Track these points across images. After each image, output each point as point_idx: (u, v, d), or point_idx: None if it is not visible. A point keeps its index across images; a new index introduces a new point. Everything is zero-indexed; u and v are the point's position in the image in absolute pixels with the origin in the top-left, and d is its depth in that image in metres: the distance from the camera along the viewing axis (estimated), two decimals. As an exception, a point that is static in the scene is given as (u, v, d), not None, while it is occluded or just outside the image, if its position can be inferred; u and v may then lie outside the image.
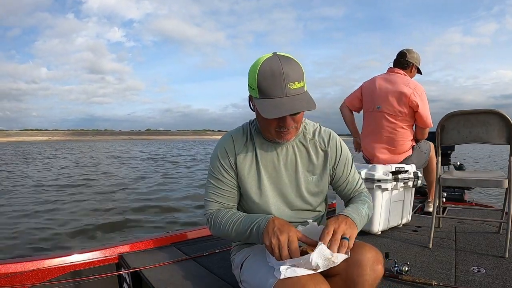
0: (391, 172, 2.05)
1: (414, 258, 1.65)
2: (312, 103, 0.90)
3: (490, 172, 2.08)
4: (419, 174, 2.26)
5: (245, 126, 1.11)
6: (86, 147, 35.60)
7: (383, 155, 2.36)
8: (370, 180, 2.00)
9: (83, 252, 1.63)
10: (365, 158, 2.54)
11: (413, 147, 2.38)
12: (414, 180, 2.21)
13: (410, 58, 2.39)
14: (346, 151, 1.14)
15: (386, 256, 1.48)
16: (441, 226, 2.21)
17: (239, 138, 1.08)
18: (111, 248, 1.71)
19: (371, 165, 2.12)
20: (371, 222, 2.02)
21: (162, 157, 19.06)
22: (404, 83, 2.27)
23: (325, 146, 1.10)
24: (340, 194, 1.18)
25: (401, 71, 2.38)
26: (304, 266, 0.81)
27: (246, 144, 1.07)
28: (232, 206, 1.10)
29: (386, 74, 2.44)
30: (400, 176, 2.08)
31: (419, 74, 2.51)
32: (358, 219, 0.97)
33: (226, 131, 1.18)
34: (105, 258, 1.66)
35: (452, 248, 1.79)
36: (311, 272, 0.81)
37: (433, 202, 2.02)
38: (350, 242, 0.86)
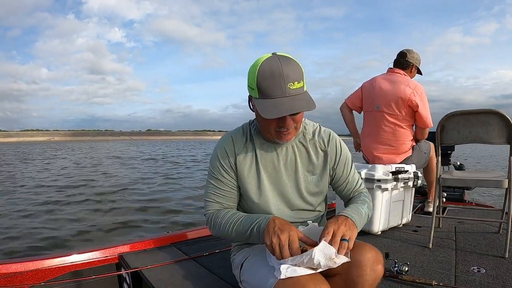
0: (391, 172, 2.05)
1: (414, 258, 1.65)
2: (312, 103, 0.90)
3: (490, 172, 2.08)
4: (419, 174, 2.26)
5: (244, 127, 1.11)
6: (86, 148, 35.62)
7: (383, 155, 2.36)
8: (370, 180, 1.99)
9: (83, 252, 1.63)
10: (365, 158, 2.54)
11: (413, 147, 2.38)
12: (414, 180, 2.21)
13: (410, 58, 2.40)
14: (346, 151, 1.14)
15: (386, 256, 1.48)
16: (441, 226, 2.21)
17: (239, 138, 1.08)
18: (111, 248, 1.71)
19: (371, 165, 2.12)
20: (371, 222, 2.02)
21: (162, 157, 19.07)
22: (404, 83, 2.27)
23: (325, 146, 1.10)
24: (339, 194, 1.18)
25: (401, 71, 2.38)
26: (305, 263, 0.81)
27: (246, 145, 1.07)
28: (232, 206, 1.10)
29: (386, 74, 2.44)
30: (400, 176, 2.08)
31: (419, 74, 2.51)
32: (358, 219, 0.97)
33: (226, 131, 1.18)
34: (105, 258, 1.66)
35: (452, 248, 1.79)
36: (311, 272, 0.81)
37: (433, 202, 2.02)
38: (350, 243, 0.86)
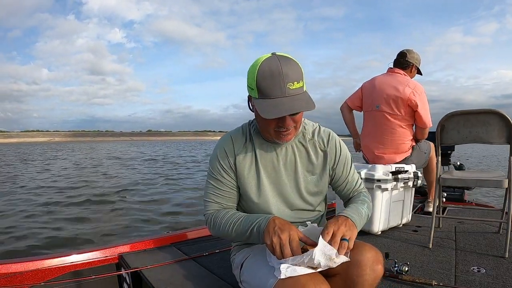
0: (391, 172, 2.05)
1: (414, 258, 1.65)
2: (311, 103, 0.90)
3: (490, 172, 2.08)
4: (419, 174, 2.26)
5: (244, 127, 1.11)
6: (87, 148, 35.64)
7: (382, 155, 2.36)
8: (370, 180, 2.00)
9: (83, 252, 1.63)
10: (364, 158, 2.54)
11: (413, 147, 2.38)
12: (414, 180, 2.21)
13: (410, 58, 2.40)
14: (346, 151, 1.14)
15: (386, 256, 1.48)
16: (441, 226, 2.21)
17: (239, 138, 1.08)
18: (111, 248, 1.71)
19: (371, 165, 2.12)
20: (371, 222, 2.02)
21: (162, 158, 19.07)
22: (403, 83, 2.27)
23: (324, 146, 1.10)
24: (339, 194, 1.18)
25: (401, 71, 2.38)
26: (306, 263, 0.81)
27: (245, 145, 1.07)
28: (232, 206, 1.10)
29: (386, 74, 2.44)
30: (400, 176, 2.08)
31: (419, 74, 2.51)
32: (358, 219, 0.97)
33: (227, 131, 1.18)
34: (105, 258, 1.66)
35: (452, 248, 1.79)
36: (311, 271, 0.81)
37: (433, 202, 2.02)
38: (350, 243, 0.86)
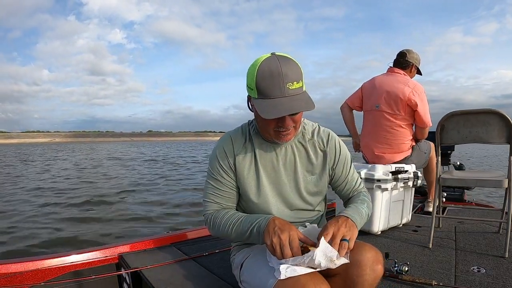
0: (391, 172, 2.05)
1: (414, 258, 1.65)
2: (311, 103, 0.90)
3: (490, 172, 2.08)
4: (419, 174, 2.26)
5: (244, 127, 1.11)
6: (87, 149, 35.65)
7: (382, 154, 2.36)
8: (370, 180, 2.00)
9: (83, 252, 1.63)
10: (364, 158, 2.54)
11: (413, 147, 2.38)
12: (414, 180, 2.21)
13: (410, 58, 2.40)
14: (345, 151, 1.14)
15: (386, 256, 1.48)
16: (441, 226, 2.21)
17: (238, 138, 1.08)
18: (111, 248, 1.71)
19: (371, 165, 2.12)
20: (371, 222, 2.02)
21: (163, 158, 19.07)
22: (403, 82, 2.28)
23: (324, 146, 1.10)
24: (339, 193, 1.18)
25: (401, 71, 2.38)
26: (306, 263, 0.81)
27: (245, 145, 1.07)
28: (231, 206, 1.10)
29: (386, 74, 2.45)
30: (400, 176, 2.08)
31: (418, 74, 2.52)
32: (359, 219, 0.97)
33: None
34: (105, 258, 1.66)
35: (452, 248, 1.79)
36: (311, 271, 0.81)
37: (433, 202, 2.02)
38: (350, 244, 0.86)
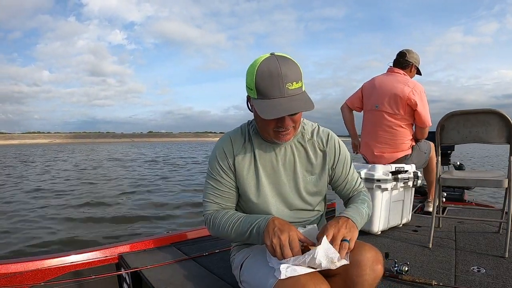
0: (391, 172, 2.05)
1: (414, 258, 1.65)
2: (310, 103, 0.90)
3: (490, 172, 2.07)
4: (419, 174, 2.26)
5: (243, 127, 1.11)
6: (87, 150, 35.64)
7: (382, 154, 2.36)
8: (370, 180, 2.00)
9: (83, 252, 1.63)
10: (364, 158, 2.54)
11: (413, 147, 2.38)
12: (414, 180, 2.21)
13: (410, 58, 2.40)
14: (345, 150, 1.14)
15: (386, 256, 1.48)
16: (441, 226, 2.21)
17: (238, 139, 1.08)
18: (111, 248, 1.71)
19: (371, 165, 2.12)
20: (371, 222, 2.02)
21: (163, 159, 19.08)
22: (403, 82, 2.28)
23: (323, 146, 1.10)
24: (339, 193, 1.18)
25: (400, 71, 2.39)
26: (307, 263, 0.81)
27: (244, 145, 1.07)
28: (231, 206, 1.10)
29: (385, 74, 2.45)
30: (400, 176, 2.08)
31: (418, 74, 2.52)
32: (359, 219, 0.97)
33: (227, 132, 1.18)
34: (105, 258, 1.66)
35: (452, 248, 1.79)
36: (311, 271, 0.81)
37: (433, 202, 2.02)
38: (350, 244, 0.86)
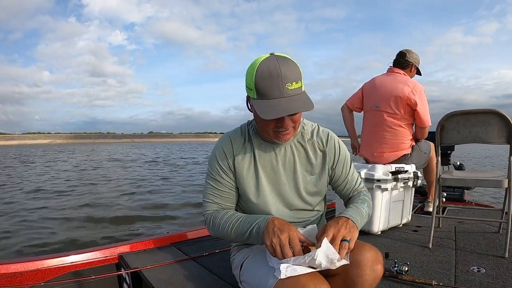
0: (391, 172, 2.05)
1: (414, 258, 1.65)
2: (310, 103, 0.90)
3: (490, 172, 2.07)
4: (419, 174, 2.26)
5: (243, 127, 1.11)
6: (88, 150, 35.63)
7: (381, 154, 2.36)
8: (370, 180, 2.00)
9: (83, 252, 1.63)
10: (364, 158, 2.54)
11: (413, 147, 2.38)
12: (414, 180, 2.21)
13: (410, 58, 2.40)
14: (345, 150, 1.14)
15: (386, 256, 1.48)
16: (441, 226, 2.21)
17: (237, 139, 1.08)
18: (111, 248, 1.71)
19: (371, 165, 2.12)
20: (371, 222, 2.02)
21: (163, 159, 19.07)
22: (403, 82, 2.28)
23: (323, 146, 1.10)
24: (339, 193, 1.18)
25: (400, 71, 2.39)
26: (307, 263, 0.81)
27: (244, 145, 1.07)
28: (231, 207, 1.10)
29: (386, 74, 2.45)
30: (400, 176, 2.08)
31: (418, 75, 2.52)
32: (359, 219, 0.97)
33: (227, 132, 1.18)
34: (105, 258, 1.66)
35: (452, 248, 1.79)
36: (311, 271, 0.81)
37: (433, 202, 2.02)
38: (350, 244, 0.85)
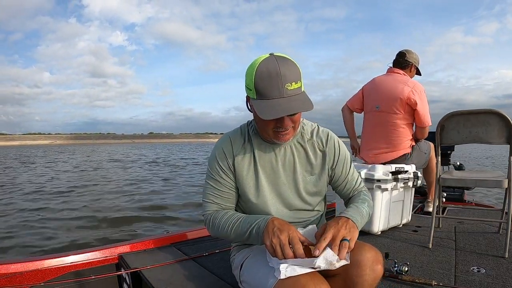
0: (391, 172, 2.05)
1: (414, 258, 1.65)
2: (309, 103, 0.90)
3: (490, 172, 2.07)
4: (419, 174, 2.26)
5: (243, 127, 1.11)
6: (88, 151, 35.61)
7: (381, 154, 2.36)
8: (370, 180, 2.00)
9: (83, 252, 1.63)
10: (364, 158, 2.53)
11: (413, 147, 2.38)
12: (414, 180, 2.21)
13: (409, 58, 2.40)
14: (345, 150, 1.14)
15: (386, 256, 1.48)
16: (441, 226, 2.21)
17: (237, 139, 1.08)
18: (111, 248, 1.71)
19: (371, 165, 2.12)
20: (371, 222, 2.02)
21: (164, 160, 19.05)
22: (403, 82, 2.28)
23: (323, 146, 1.10)
24: (339, 193, 1.18)
25: (400, 71, 2.39)
26: (306, 265, 0.81)
27: (244, 145, 1.07)
28: (230, 207, 1.10)
29: (385, 74, 2.45)
30: (400, 176, 2.08)
31: (418, 75, 2.52)
32: (360, 219, 0.97)
33: (227, 133, 1.18)
34: (105, 258, 1.66)
35: (452, 248, 1.79)
36: (311, 270, 0.81)
37: (433, 202, 2.01)
38: (351, 244, 0.85)
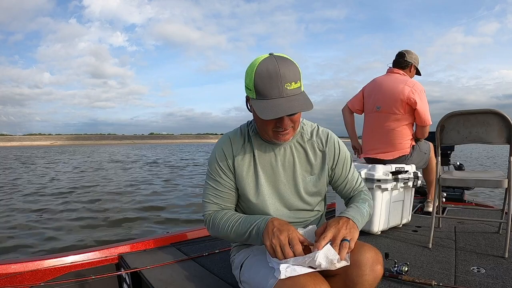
0: (391, 172, 2.05)
1: (414, 258, 1.65)
2: (309, 103, 0.90)
3: (490, 172, 2.07)
4: (419, 174, 2.26)
5: (242, 127, 1.11)
6: (88, 152, 35.60)
7: (381, 154, 2.36)
8: (370, 180, 2.00)
9: (83, 252, 1.63)
10: (364, 158, 2.54)
11: (413, 147, 2.38)
12: (414, 180, 2.21)
13: (409, 58, 2.41)
14: (345, 150, 1.14)
15: (386, 256, 1.48)
16: (441, 226, 2.21)
17: (237, 139, 1.08)
18: (111, 248, 1.71)
19: (371, 165, 2.12)
20: (371, 222, 2.02)
21: (164, 161, 19.05)
22: (403, 82, 2.29)
23: (323, 146, 1.10)
24: (340, 193, 1.18)
25: (400, 71, 2.39)
26: (307, 264, 0.81)
27: (244, 146, 1.07)
28: (230, 207, 1.10)
29: (385, 75, 2.46)
30: (400, 176, 2.08)
31: (417, 75, 2.52)
32: (360, 219, 0.97)
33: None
34: (105, 258, 1.66)
35: (452, 248, 1.79)
36: (311, 271, 0.82)
37: (433, 202, 2.01)
38: (351, 244, 0.85)
